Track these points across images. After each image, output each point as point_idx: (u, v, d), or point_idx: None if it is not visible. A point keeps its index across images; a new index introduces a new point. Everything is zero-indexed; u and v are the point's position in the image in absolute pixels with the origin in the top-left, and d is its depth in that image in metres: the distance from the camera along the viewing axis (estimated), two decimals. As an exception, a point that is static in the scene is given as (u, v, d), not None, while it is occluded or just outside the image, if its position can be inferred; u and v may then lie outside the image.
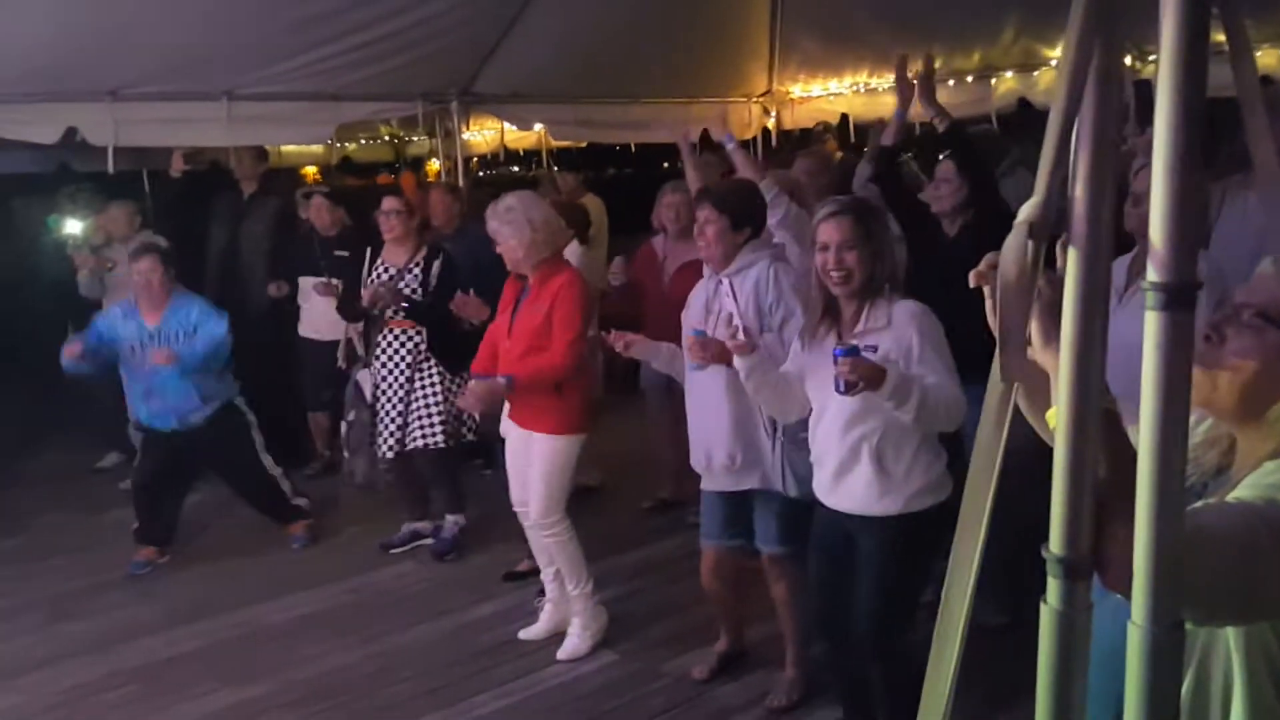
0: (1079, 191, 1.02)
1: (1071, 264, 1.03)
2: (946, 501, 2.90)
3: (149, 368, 4.85)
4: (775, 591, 3.60)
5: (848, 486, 2.93)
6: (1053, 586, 1.10)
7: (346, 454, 5.14)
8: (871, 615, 2.94)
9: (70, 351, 4.79)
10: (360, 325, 5.10)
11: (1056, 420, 1.10)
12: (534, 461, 3.90)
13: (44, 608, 4.63)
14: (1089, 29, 0.99)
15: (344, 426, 5.12)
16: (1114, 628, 1.14)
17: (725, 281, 3.28)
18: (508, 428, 4.12)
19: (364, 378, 4.98)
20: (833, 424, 2.93)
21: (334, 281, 5.54)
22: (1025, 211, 1.09)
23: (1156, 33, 0.94)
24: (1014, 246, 1.10)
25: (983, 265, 1.27)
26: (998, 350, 1.16)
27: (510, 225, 3.80)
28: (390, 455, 4.89)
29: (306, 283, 5.95)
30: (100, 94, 5.64)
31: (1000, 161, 5.06)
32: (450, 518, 5.11)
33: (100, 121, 5.70)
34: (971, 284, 1.29)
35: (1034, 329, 1.20)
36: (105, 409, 6.31)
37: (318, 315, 6.02)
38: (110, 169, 5.97)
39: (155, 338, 4.88)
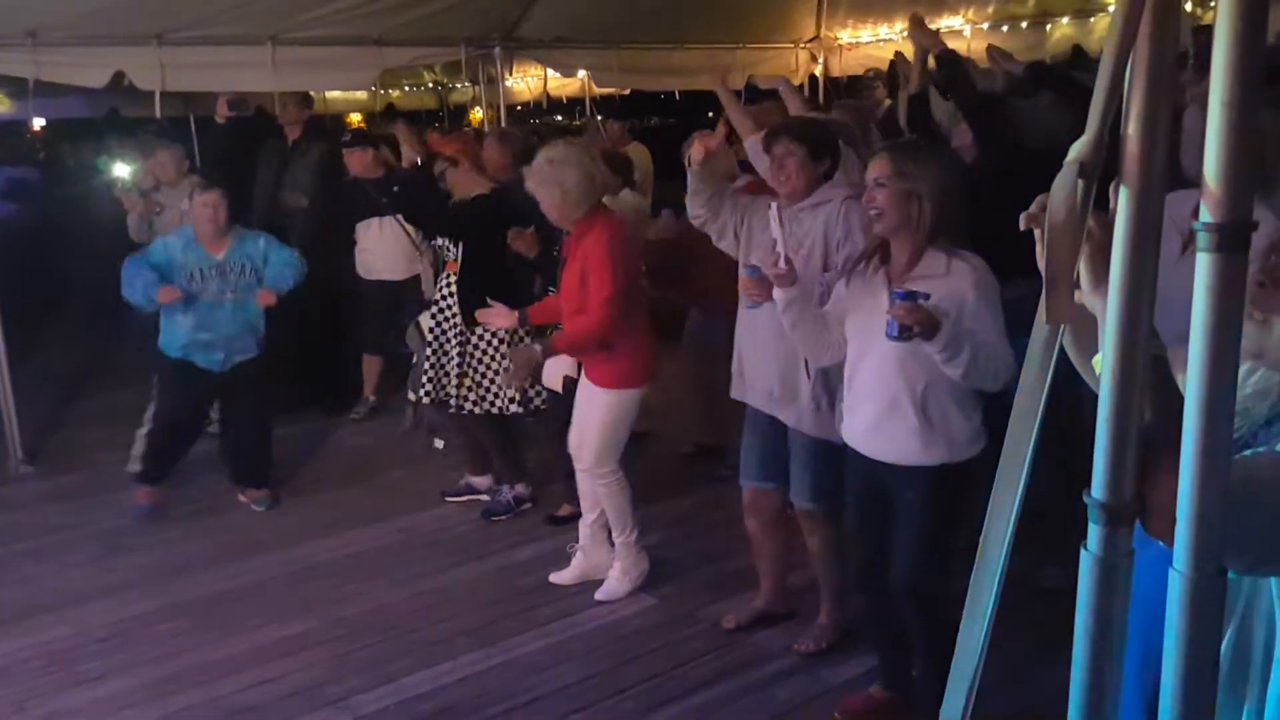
0: (1131, 129, 0.99)
1: (1122, 204, 1.01)
2: (984, 451, 2.86)
3: (210, 299, 4.87)
4: (809, 544, 3.61)
5: (888, 435, 2.87)
6: (1094, 532, 1.09)
7: (411, 396, 5.15)
8: (911, 566, 2.92)
9: (169, 295, 4.74)
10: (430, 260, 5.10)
11: (1102, 365, 1.08)
12: (591, 413, 3.94)
13: (100, 541, 4.75)
14: (1148, -41, 0.96)
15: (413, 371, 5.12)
16: (1153, 578, 1.13)
17: (773, 206, 3.14)
18: (552, 379, 4.16)
19: (424, 320, 4.98)
20: (875, 370, 2.87)
21: None
22: (1076, 150, 1.06)
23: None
24: (1063, 185, 1.07)
25: (1033, 207, 1.24)
26: (1044, 293, 1.13)
27: (542, 186, 3.79)
28: (425, 402, 4.90)
29: (364, 226, 6.00)
30: (147, 38, 5.67)
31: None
32: (508, 486, 5.00)
33: (147, 66, 5.75)
34: (1022, 226, 1.26)
35: (1083, 271, 1.17)
36: (156, 353, 6.43)
37: (373, 257, 6.06)
38: (158, 113, 6.03)
39: (222, 269, 4.91)
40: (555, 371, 4.32)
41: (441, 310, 4.81)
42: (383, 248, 6.00)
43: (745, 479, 3.70)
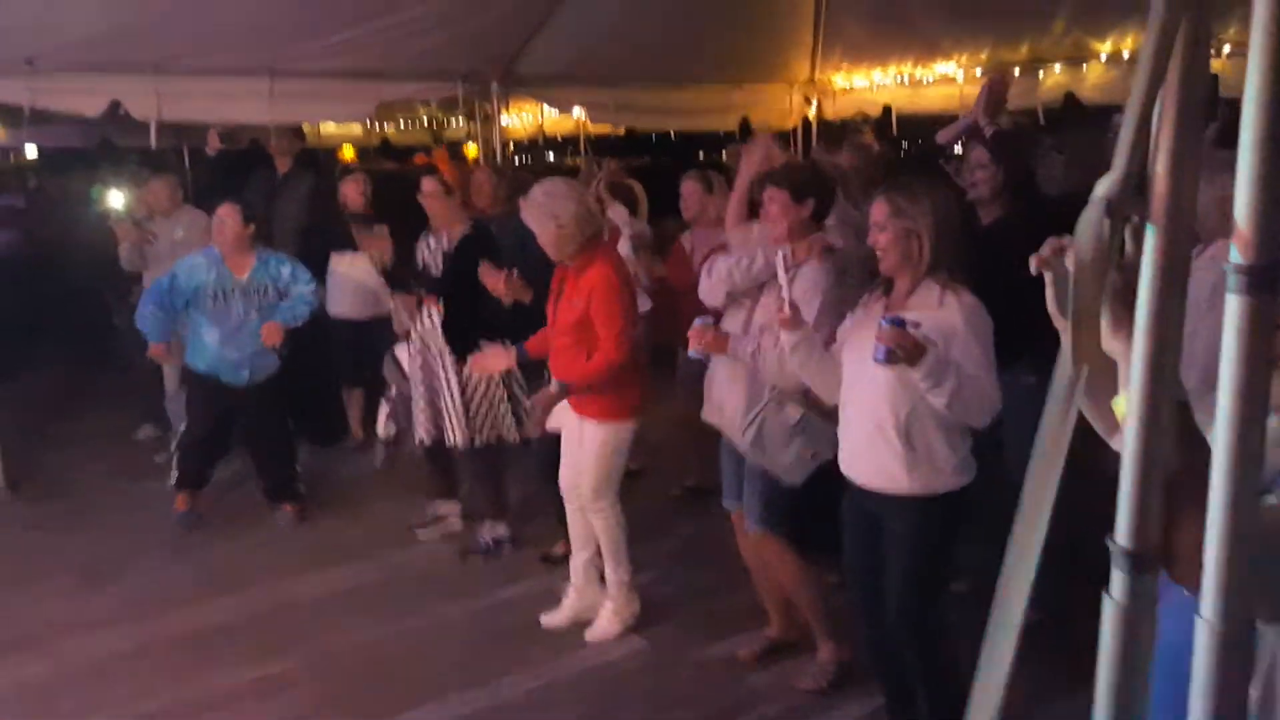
0: (1160, 167, 0.98)
1: (1149, 245, 0.99)
2: (971, 484, 2.87)
3: (237, 316, 4.98)
4: (779, 575, 3.58)
5: (873, 460, 2.90)
6: (1117, 579, 1.06)
7: (380, 433, 5.11)
8: (903, 602, 2.92)
9: (157, 351, 5.03)
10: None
11: (1126, 409, 1.06)
12: (585, 447, 3.90)
13: (78, 572, 4.66)
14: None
15: (383, 403, 5.08)
16: (1178, 626, 1.10)
17: (780, 253, 3.18)
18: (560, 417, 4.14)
19: (401, 352, 4.94)
20: (863, 397, 2.90)
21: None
22: (1102, 187, 1.04)
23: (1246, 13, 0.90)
24: (1090, 223, 1.05)
25: (1046, 250, 1.23)
26: (1069, 334, 1.11)
27: (536, 221, 3.79)
28: (426, 441, 4.83)
29: (337, 258, 5.98)
30: (144, 67, 5.67)
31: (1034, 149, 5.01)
32: (489, 523, 4.91)
33: (144, 95, 5.75)
34: (1033, 270, 1.25)
35: (1103, 315, 1.15)
36: (143, 382, 6.37)
37: (340, 294, 6.03)
38: (153, 143, 6.01)
39: (246, 289, 5.01)
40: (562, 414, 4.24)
41: (427, 346, 4.77)
42: (351, 283, 5.97)
43: (728, 499, 3.72)
